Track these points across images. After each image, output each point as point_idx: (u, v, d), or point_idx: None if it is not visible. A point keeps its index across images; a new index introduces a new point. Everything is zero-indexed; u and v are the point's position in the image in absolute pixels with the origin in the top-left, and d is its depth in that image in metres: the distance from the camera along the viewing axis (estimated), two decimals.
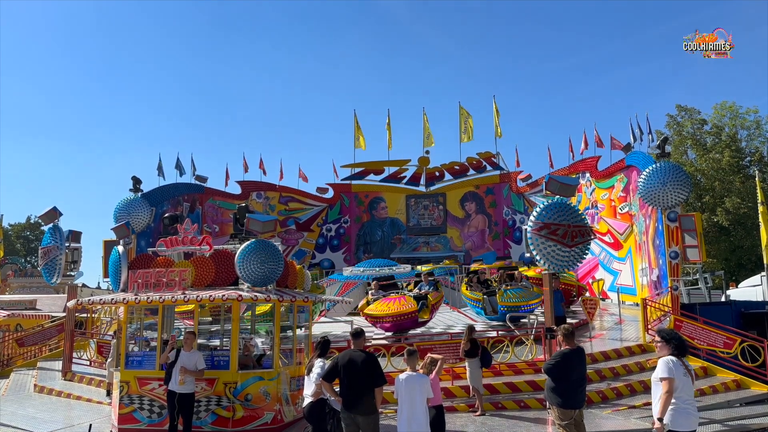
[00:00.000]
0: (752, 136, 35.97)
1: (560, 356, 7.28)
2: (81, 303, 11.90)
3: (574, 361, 7.26)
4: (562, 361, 7.22)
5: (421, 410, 6.83)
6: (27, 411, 12.65)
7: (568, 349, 7.34)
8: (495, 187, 36.38)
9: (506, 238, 35.69)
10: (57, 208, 16.70)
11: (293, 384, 10.82)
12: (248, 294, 10.05)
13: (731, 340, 13.59)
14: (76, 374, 15.66)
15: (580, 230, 12.61)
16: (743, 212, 31.94)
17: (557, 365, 7.20)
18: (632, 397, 11.86)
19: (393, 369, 12.37)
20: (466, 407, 11.54)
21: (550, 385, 7.33)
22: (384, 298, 16.56)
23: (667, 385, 5.70)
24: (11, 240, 59.79)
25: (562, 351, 7.37)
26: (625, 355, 14.06)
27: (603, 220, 24.73)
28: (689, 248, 15.73)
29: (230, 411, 9.93)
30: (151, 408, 10.23)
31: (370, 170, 38.17)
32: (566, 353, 7.28)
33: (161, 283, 10.36)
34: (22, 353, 19.29)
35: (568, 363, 7.20)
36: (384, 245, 37.40)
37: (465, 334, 11.56)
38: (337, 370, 6.92)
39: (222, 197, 33.51)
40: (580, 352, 7.43)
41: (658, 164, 16.14)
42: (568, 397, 7.16)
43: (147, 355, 10.80)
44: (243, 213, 12.00)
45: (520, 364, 13.04)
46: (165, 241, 11.22)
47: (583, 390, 7.45)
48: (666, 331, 6.29)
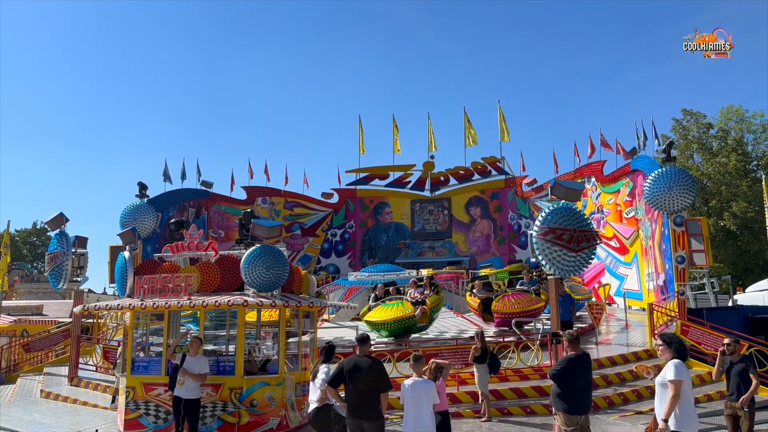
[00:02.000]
0: (759, 139, 35.85)
1: (566, 362, 7.25)
2: (87, 308, 11.92)
3: (579, 366, 7.23)
4: (568, 366, 7.18)
5: (427, 416, 6.81)
6: (33, 416, 12.68)
7: (574, 354, 7.29)
8: (500, 191, 36.35)
9: (511, 243, 35.63)
10: (63, 213, 16.77)
11: (299, 389, 10.81)
12: (254, 299, 10.05)
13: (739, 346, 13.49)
14: (82, 380, 15.69)
15: (585, 235, 12.56)
16: (750, 216, 31.80)
17: (563, 371, 7.16)
18: (639, 403, 11.80)
19: (398, 374, 12.35)
20: (472, 413, 11.50)
21: (555, 390, 7.29)
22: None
23: (677, 388, 5.70)
24: (18, 246, 60.07)
25: (567, 356, 7.33)
26: (632, 360, 13.99)
27: (609, 225, 24.65)
28: (696, 253, 15.66)
29: (236, 416, 9.92)
30: (156, 413, 10.23)
31: (374, 175, 38.23)
32: (572, 358, 7.25)
33: (167, 289, 10.38)
34: (28, 359, 19.36)
35: (574, 368, 7.17)
36: (389, 250, 37.41)
37: (476, 340, 11.47)
38: (342, 376, 6.90)
39: (227, 203, 33.64)
40: (585, 358, 7.37)
41: (663, 168, 16.10)
42: (575, 403, 7.11)
43: (153, 360, 10.81)
44: (248, 218, 11.99)
45: (526, 369, 13.00)
46: (171, 246, 11.23)
47: (590, 396, 7.42)
48: (667, 335, 6.30)
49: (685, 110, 36.98)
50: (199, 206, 31.27)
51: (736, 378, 8.12)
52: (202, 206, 31.57)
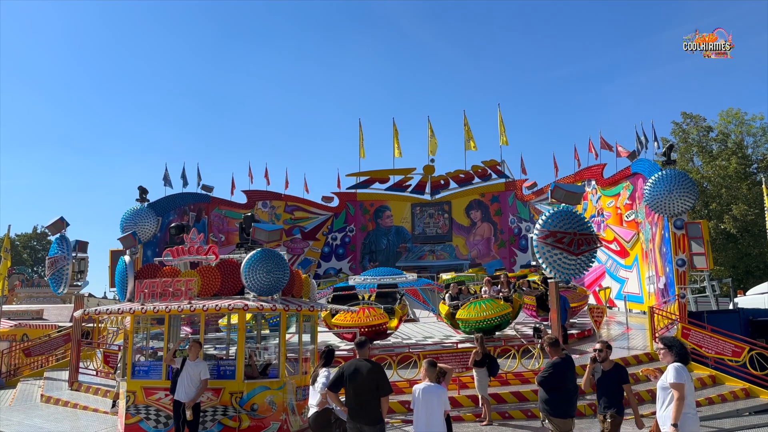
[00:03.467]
0: (759, 142, 35.89)
1: (552, 367, 7.32)
2: (87, 313, 11.92)
3: (566, 370, 7.32)
4: (555, 371, 7.27)
5: (438, 419, 6.76)
6: (34, 421, 12.67)
7: (558, 358, 7.39)
8: (500, 195, 36.35)
9: (512, 246, 35.61)
10: (64, 218, 16.79)
11: (299, 393, 10.80)
12: (254, 303, 10.05)
13: (740, 349, 13.49)
14: (82, 384, 15.68)
15: (586, 238, 12.58)
16: (750, 219, 31.78)
17: (551, 377, 7.24)
18: (640, 407, 11.75)
19: (399, 379, 12.35)
20: (473, 416, 11.49)
21: (544, 397, 7.31)
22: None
23: (681, 391, 5.69)
24: (18, 250, 60.11)
25: (552, 362, 7.39)
26: (633, 364, 13.95)
27: (609, 228, 24.65)
28: (696, 256, 15.65)
29: (236, 421, 9.91)
30: (157, 418, 10.22)
31: (375, 179, 38.23)
32: (557, 363, 7.33)
33: (167, 293, 10.38)
34: (29, 363, 19.36)
35: (561, 373, 7.25)
36: (389, 254, 37.40)
37: (477, 344, 11.42)
38: (342, 380, 6.89)
39: (228, 206, 33.64)
40: (569, 361, 7.48)
41: (664, 172, 16.11)
42: (567, 407, 7.19)
43: (153, 364, 10.81)
44: (249, 222, 12.01)
45: (527, 373, 12.98)
46: (171, 250, 11.24)
47: (577, 398, 7.53)
48: (668, 338, 6.31)
49: (685, 113, 37.06)
50: (200, 210, 31.28)
51: (607, 390, 7.16)
52: (203, 210, 31.57)
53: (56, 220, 16.79)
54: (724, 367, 13.54)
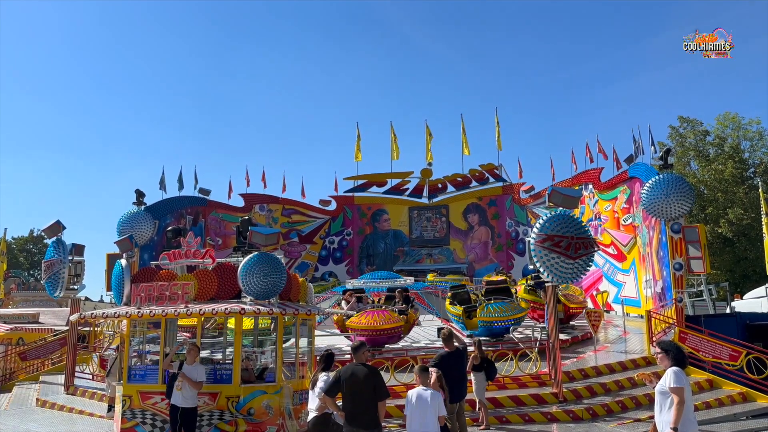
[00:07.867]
0: (755, 146, 35.95)
1: (438, 358, 8.80)
2: (84, 317, 11.87)
3: (450, 362, 8.73)
4: (439, 362, 8.61)
5: (432, 423, 6.74)
6: (29, 425, 12.61)
7: (446, 351, 8.88)
8: (498, 198, 36.40)
9: (509, 250, 35.65)
10: (60, 221, 16.74)
11: (296, 398, 10.77)
12: (251, 307, 10.02)
13: (737, 353, 13.51)
14: (78, 388, 15.62)
15: (583, 242, 12.58)
16: (747, 223, 31.86)
17: (437, 366, 8.41)
18: (637, 411, 11.77)
19: (396, 383, 12.33)
20: (471, 421, 11.44)
21: None
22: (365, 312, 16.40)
23: (681, 395, 5.69)
24: (14, 253, 59.89)
25: (440, 354, 8.93)
26: (630, 368, 13.97)
27: (606, 232, 24.69)
28: (693, 260, 15.69)
29: (233, 425, 9.86)
30: (153, 422, 10.16)
31: (372, 182, 38.25)
32: (443, 355, 8.83)
33: (164, 297, 10.33)
34: (24, 367, 19.29)
35: (445, 363, 8.57)
36: (387, 257, 37.39)
37: (474, 348, 11.38)
38: (339, 385, 6.87)
39: (225, 210, 33.61)
40: (458, 354, 8.95)
41: (660, 176, 16.14)
42: (449, 392, 8.25)
43: (149, 369, 10.76)
44: (246, 226, 12.04)
45: (524, 377, 12.97)
46: (168, 254, 11.20)
47: (464, 386, 9.08)
48: (665, 342, 6.31)
49: (682, 117, 37.10)
50: (197, 214, 31.24)
51: None
52: (200, 214, 31.54)
53: (53, 224, 16.74)
54: (722, 371, 13.55)
